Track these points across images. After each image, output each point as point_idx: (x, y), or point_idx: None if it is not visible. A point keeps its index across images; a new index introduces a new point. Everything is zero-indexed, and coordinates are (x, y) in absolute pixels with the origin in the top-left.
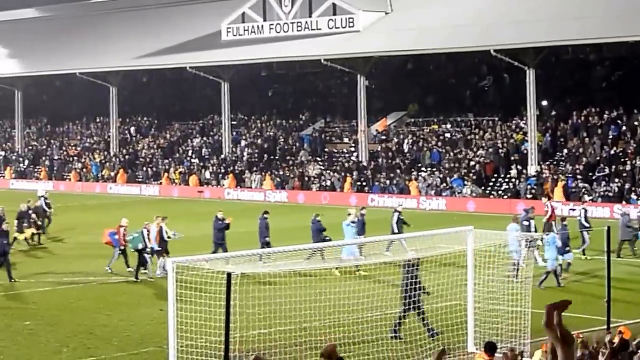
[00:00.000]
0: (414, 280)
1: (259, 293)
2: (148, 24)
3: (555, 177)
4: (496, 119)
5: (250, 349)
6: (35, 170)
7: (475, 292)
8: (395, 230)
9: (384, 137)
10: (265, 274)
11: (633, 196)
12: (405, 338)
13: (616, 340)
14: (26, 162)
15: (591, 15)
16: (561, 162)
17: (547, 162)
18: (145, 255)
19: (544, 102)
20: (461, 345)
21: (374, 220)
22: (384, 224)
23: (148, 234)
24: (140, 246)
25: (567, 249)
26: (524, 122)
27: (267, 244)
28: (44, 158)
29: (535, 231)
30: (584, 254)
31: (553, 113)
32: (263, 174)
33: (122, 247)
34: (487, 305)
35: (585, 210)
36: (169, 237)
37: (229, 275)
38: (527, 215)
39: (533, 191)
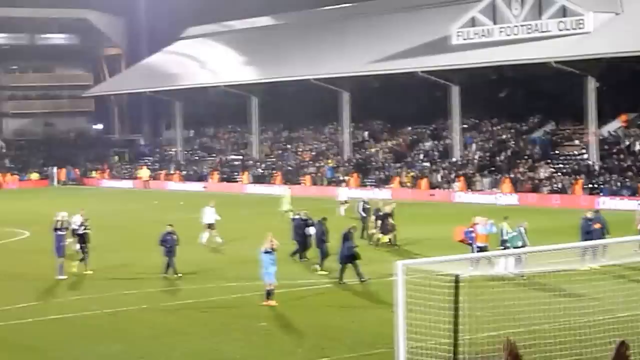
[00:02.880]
0: None
1: (488, 296)
2: (378, 30)
3: None
4: None
5: (479, 351)
6: (271, 175)
7: None
8: None
9: (614, 140)
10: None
11: None
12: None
13: None
14: (262, 167)
15: None
16: None
17: None
18: None
19: None
20: None
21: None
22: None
23: (525, 232)
24: (519, 244)
25: None
26: None
27: None
28: (280, 163)
29: None
30: None
31: None
32: (497, 176)
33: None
34: None
35: None
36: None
37: (456, 277)
38: None
39: None
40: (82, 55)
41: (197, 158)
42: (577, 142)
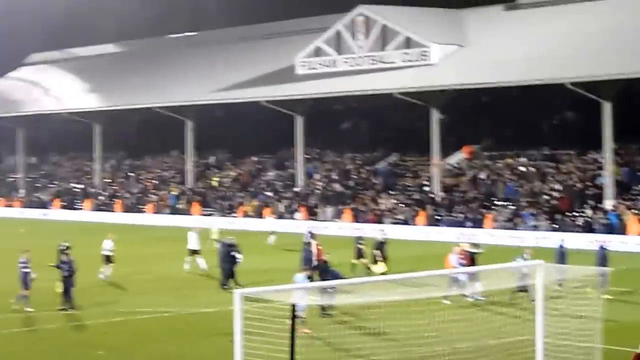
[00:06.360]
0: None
1: (328, 325)
2: (223, 59)
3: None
4: (572, 152)
5: None
6: (112, 202)
7: (545, 327)
8: None
9: (457, 171)
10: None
11: None
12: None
13: None
14: (105, 194)
15: None
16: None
17: (624, 196)
18: None
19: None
20: None
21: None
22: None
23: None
24: None
25: None
26: (601, 155)
27: None
28: (122, 191)
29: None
30: None
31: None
32: (340, 207)
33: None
34: (556, 341)
35: None
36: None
37: (293, 306)
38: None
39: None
40: None
41: (39, 185)
42: (420, 173)
